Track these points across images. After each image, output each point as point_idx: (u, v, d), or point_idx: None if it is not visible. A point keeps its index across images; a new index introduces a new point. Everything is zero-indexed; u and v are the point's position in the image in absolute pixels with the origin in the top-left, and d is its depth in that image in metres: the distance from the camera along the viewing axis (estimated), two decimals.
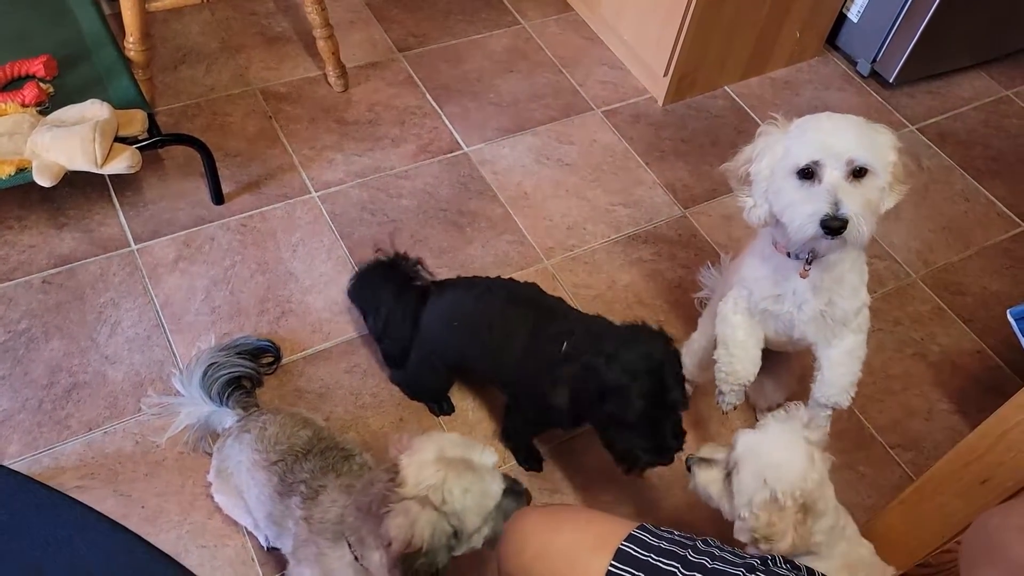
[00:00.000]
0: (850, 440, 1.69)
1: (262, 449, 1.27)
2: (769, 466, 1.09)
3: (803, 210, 1.13)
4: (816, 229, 1.12)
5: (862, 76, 2.46)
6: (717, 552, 0.94)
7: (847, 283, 1.29)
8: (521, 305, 1.44)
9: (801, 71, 2.46)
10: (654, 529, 0.97)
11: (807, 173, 1.15)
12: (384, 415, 1.59)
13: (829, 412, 1.42)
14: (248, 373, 1.48)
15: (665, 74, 2.21)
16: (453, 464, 1.07)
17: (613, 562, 0.92)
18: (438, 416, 1.62)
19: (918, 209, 2.15)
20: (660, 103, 2.28)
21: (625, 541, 0.95)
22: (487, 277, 1.55)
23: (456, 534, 1.07)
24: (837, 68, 2.49)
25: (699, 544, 0.96)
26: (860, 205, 1.12)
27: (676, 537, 0.97)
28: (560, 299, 1.49)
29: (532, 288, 1.51)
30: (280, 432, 1.29)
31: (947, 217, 2.15)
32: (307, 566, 1.18)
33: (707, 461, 1.21)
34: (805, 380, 1.47)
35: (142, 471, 1.46)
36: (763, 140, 1.22)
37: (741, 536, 1.12)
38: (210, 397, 1.42)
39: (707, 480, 1.19)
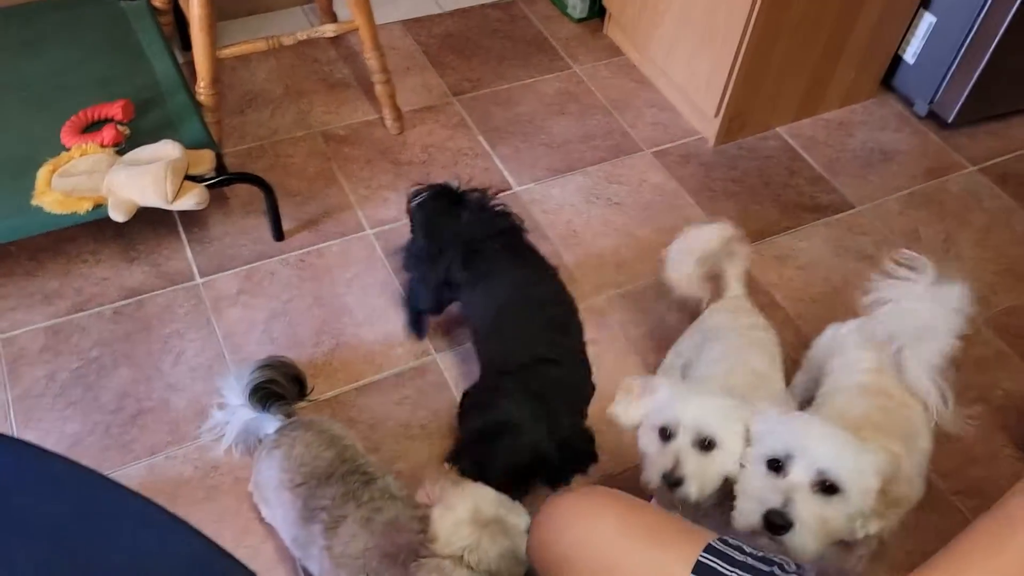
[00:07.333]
0: None
1: (288, 469, 1.29)
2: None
3: (752, 496, 1.05)
4: (759, 519, 1.03)
5: (919, 117, 2.44)
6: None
7: None
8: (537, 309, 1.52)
9: (855, 112, 2.44)
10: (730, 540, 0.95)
11: (776, 465, 1.06)
12: (433, 447, 1.62)
13: None
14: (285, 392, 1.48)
15: (716, 115, 2.23)
16: (489, 526, 1.08)
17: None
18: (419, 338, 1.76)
19: (979, 250, 2.10)
20: (711, 144, 2.29)
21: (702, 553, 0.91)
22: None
23: None
24: (893, 109, 2.47)
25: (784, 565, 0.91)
26: (814, 517, 1.00)
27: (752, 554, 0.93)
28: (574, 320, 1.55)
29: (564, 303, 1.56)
30: (306, 452, 1.30)
31: (1010, 259, 2.09)
32: None
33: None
34: None
35: (200, 495, 1.51)
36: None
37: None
38: (252, 404, 1.43)
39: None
